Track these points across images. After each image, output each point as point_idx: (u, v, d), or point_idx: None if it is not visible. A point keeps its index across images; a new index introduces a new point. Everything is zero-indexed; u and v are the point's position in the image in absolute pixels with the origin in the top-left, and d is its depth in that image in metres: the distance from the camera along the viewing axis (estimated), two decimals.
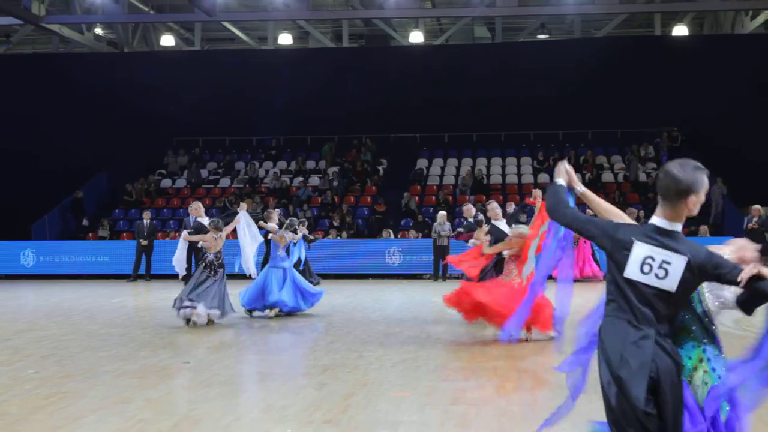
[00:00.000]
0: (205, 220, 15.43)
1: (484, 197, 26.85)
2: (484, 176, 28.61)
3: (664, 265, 4.05)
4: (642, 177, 27.77)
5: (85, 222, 27.39)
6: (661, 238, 4.12)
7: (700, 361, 4.30)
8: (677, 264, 4.04)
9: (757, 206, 22.70)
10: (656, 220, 4.18)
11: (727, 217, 25.26)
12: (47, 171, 28.38)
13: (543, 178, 28.01)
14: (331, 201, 27.41)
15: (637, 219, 18.94)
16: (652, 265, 4.07)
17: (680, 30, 32.29)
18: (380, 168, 29.76)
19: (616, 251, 4.18)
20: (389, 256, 23.86)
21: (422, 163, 29.94)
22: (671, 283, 4.05)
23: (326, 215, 26.76)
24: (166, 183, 30.05)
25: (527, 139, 30.35)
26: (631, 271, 4.10)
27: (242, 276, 15.23)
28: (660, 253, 4.07)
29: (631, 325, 4.08)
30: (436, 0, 29.87)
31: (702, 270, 4.05)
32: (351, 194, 28.24)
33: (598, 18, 31.27)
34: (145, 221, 24.10)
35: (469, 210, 16.66)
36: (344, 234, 25.32)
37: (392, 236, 25.00)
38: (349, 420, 7.29)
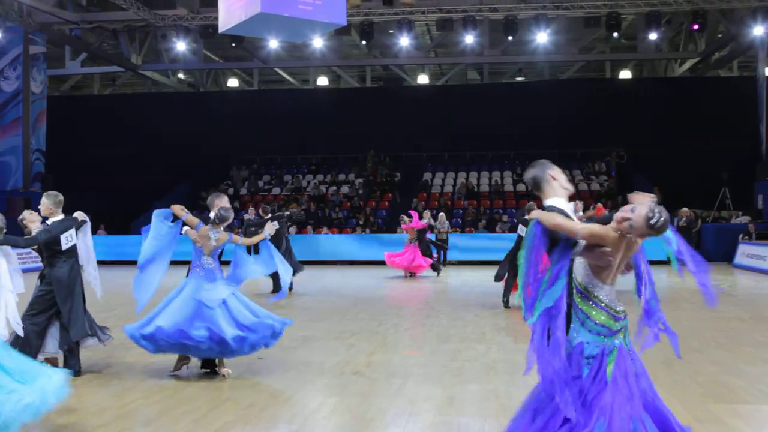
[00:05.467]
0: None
1: (475, 202, 26.96)
2: (475, 186, 28.61)
3: None
4: (595, 186, 27.70)
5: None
6: None
7: None
8: None
9: (685, 209, 22.58)
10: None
11: None
12: (143, 181, 28.57)
13: (520, 187, 27.97)
14: (358, 205, 27.44)
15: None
16: None
17: (625, 74, 32.28)
18: (395, 180, 29.77)
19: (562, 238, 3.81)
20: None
21: (427, 175, 29.89)
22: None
23: (354, 216, 26.80)
24: (231, 191, 30.14)
25: (508, 157, 30.28)
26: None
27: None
28: None
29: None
30: (438, 50, 29.85)
31: None
32: (372, 200, 28.26)
33: (562, 64, 31.23)
34: None
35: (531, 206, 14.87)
36: (368, 230, 25.35)
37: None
38: (371, 372, 7.33)
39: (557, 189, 4.03)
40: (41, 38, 24.77)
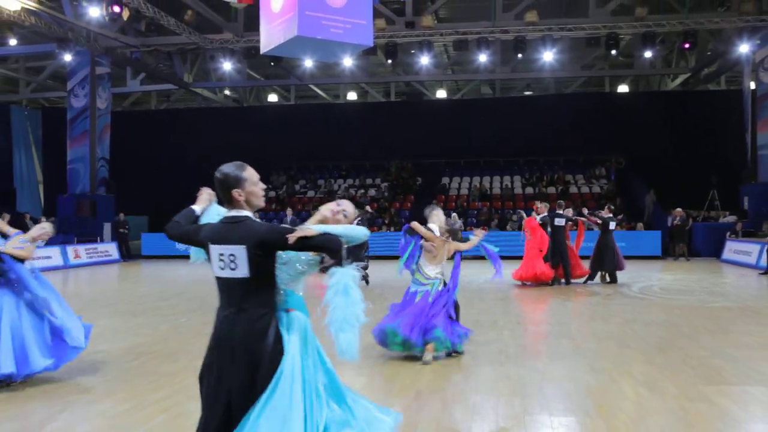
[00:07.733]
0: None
1: (488, 203, 26.83)
2: (488, 189, 28.48)
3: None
4: (596, 189, 27.44)
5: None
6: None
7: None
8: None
9: (679, 209, 22.33)
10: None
11: (656, 217, 24.88)
12: (192, 184, 28.66)
13: (528, 190, 27.79)
14: (384, 206, 27.45)
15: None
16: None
17: (623, 88, 31.90)
18: (416, 184, 29.74)
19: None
20: None
21: (445, 180, 29.82)
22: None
23: (380, 215, 26.82)
24: (271, 194, 30.32)
25: (518, 163, 30.11)
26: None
27: None
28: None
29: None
30: (454, 68, 29.76)
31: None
32: (396, 201, 28.24)
33: (566, 80, 30.99)
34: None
35: (541, 208, 14.70)
36: (392, 228, 25.35)
37: None
38: (396, 355, 7.30)
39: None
40: (106, 60, 25.10)
